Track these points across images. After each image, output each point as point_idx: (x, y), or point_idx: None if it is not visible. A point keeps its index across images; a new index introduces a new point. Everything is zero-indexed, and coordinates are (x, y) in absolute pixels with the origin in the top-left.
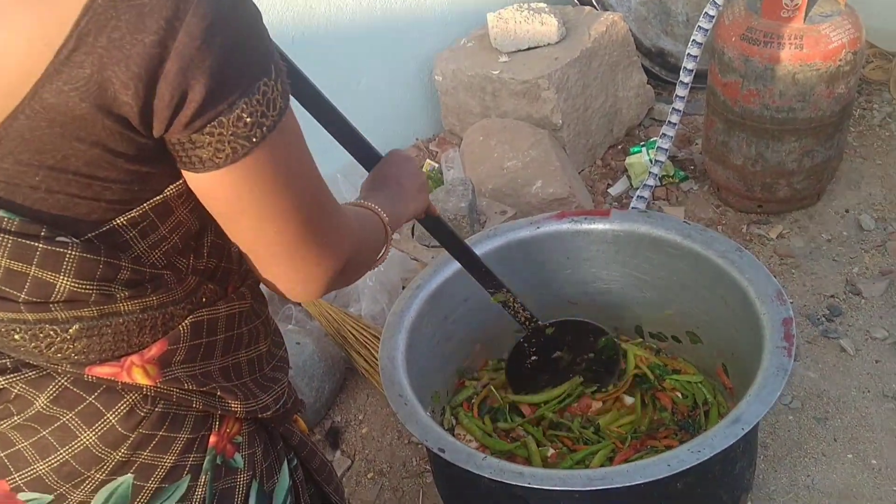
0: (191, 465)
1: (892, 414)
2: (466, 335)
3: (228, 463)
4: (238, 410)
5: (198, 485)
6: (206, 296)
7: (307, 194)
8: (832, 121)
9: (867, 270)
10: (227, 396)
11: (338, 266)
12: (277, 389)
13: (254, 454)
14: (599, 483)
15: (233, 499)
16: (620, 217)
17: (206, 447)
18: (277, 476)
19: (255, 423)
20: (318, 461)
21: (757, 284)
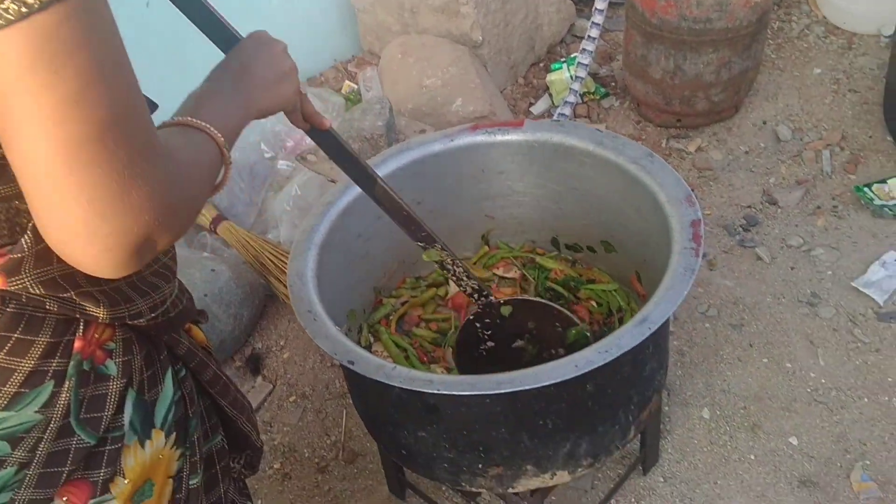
0: (54, 370)
1: (806, 319)
2: (382, 253)
3: (98, 369)
4: (101, 316)
5: (62, 390)
6: None
7: (88, 107)
8: (749, 31)
9: (783, 180)
10: (88, 302)
11: (139, 227)
12: (156, 297)
13: (130, 362)
14: (508, 386)
15: (103, 406)
16: (534, 127)
17: (70, 352)
18: (161, 385)
19: (133, 330)
20: (210, 373)
21: (667, 188)
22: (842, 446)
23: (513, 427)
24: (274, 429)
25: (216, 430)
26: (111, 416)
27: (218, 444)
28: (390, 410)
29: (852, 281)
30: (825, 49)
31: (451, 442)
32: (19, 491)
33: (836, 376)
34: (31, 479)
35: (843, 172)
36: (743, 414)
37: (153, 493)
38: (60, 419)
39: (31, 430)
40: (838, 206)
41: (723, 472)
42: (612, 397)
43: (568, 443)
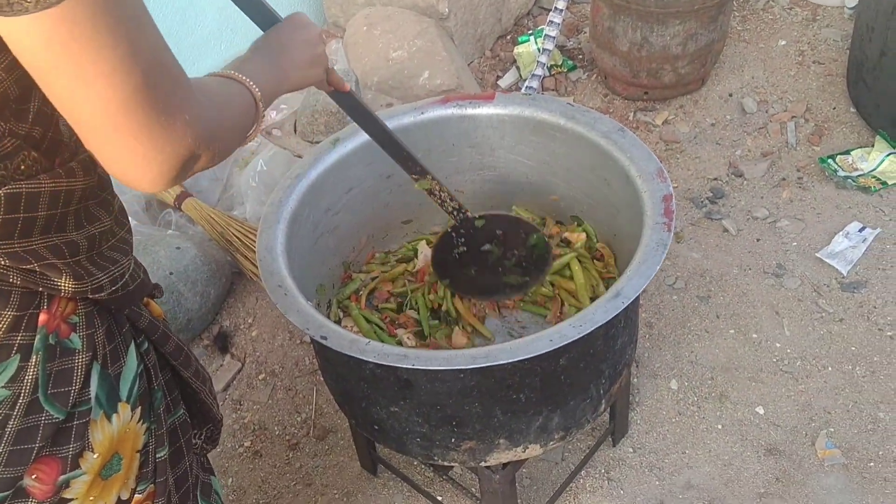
0: (20, 343)
1: (772, 290)
2: (351, 227)
3: (63, 343)
4: (65, 289)
5: (28, 365)
6: (27, 164)
7: (140, 58)
8: (715, 3)
9: (749, 153)
10: (52, 273)
11: (184, 149)
12: (115, 270)
13: (93, 335)
14: (483, 361)
15: (70, 380)
16: (505, 100)
17: (35, 325)
18: (124, 359)
19: (94, 304)
20: (172, 345)
21: (638, 163)
22: (807, 415)
23: (486, 401)
24: (244, 407)
25: (178, 404)
26: (78, 390)
27: (181, 418)
28: (363, 386)
29: (817, 252)
30: (790, 21)
31: (424, 416)
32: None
33: (801, 346)
34: (1, 458)
35: (808, 144)
36: (710, 385)
37: (121, 466)
38: (29, 395)
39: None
40: (803, 178)
41: (691, 441)
42: (585, 371)
43: (540, 416)
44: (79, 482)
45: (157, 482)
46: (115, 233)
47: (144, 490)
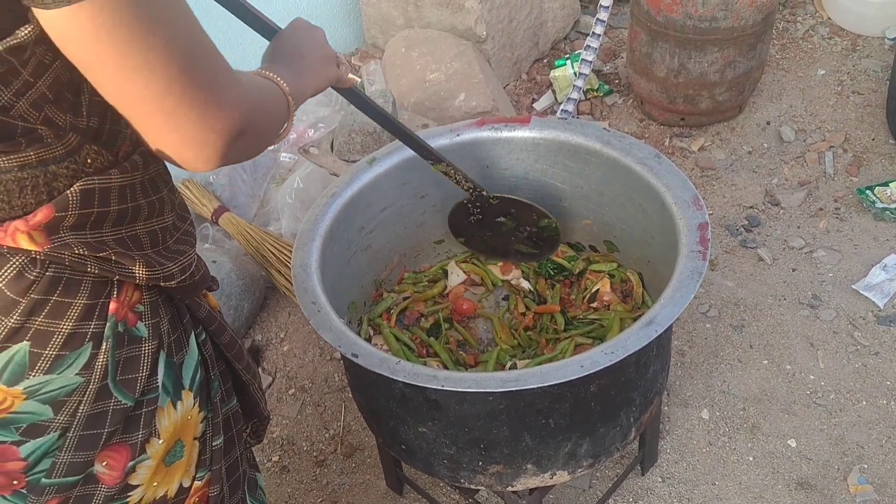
0: (92, 332)
1: (807, 321)
2: (384, 246)
3: (131, 331)
4: (139, 276)
5: (100, 352)
6: (92, 157)
7: (180, 42)
8: (754, 31)
9: (786, 181)
10: (126, 262)
11: (229, 128)
12: (184, 260)
13: (158, 324)
14: (513, 384)
15: (138, 368)
16: (540, 124)
17: (106, 314)
18: (186, 349)
19: (159, 294)
20: (227, 337)
21: (674, 190)
22: (840, 449)
23: (515, 425)
24: (273, 421)
25: (231, 394)
26: (146, 377)
27: (234, 408)
28: (391, 405)
29: (853, 284)
30: (829, 50)
31: (451, 438)
32: (59, 455)
33: (835, 379)
34: (72, 442)
35: (846, 174)
36: (742, 415)
37: (184, 453)
38: (99, 381)
39: (72, 394)
40: (840, 209)
41: (721, 473)
42: (616, 398)
43: (569, 443)
44: (144, 467)
45: (213, 469)
46: (178, 227)
47: (203, 477)
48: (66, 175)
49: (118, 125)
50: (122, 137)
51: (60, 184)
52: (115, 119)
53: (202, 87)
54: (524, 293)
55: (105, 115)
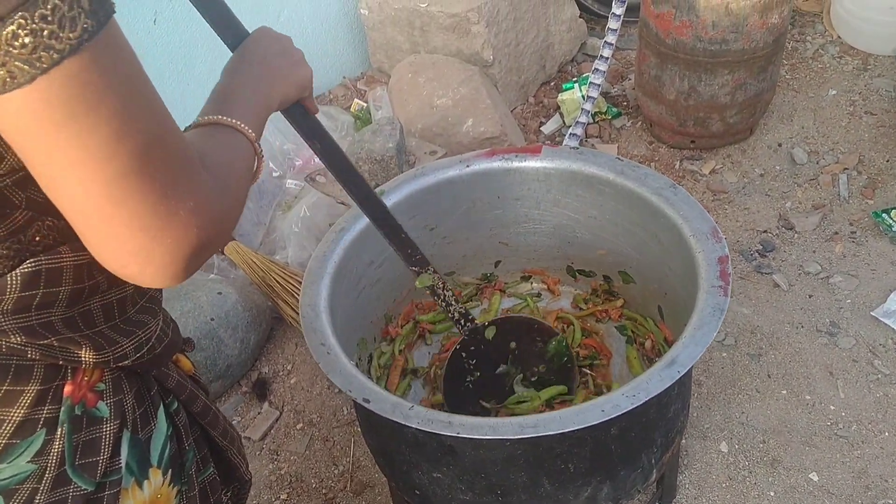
0: (45, 418)
1: (825, 349)
2: (393, 280)
3: (91, 412)
4: (86, 360)
5: (55, 438)
6: (43, 234)
7: (127, 140)
8: (765, 52)
9: (800, 205)
10: (71, 346)
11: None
12: (142, 335)
13: (121, 401)
14: (531, 431)
15: (99, 449)
16: (552, 154)
17: (60, 397)
18: (154, 422)
19: (122, 368)
20: (200, 404)
21: (691, 222)
22: (863, 483)
23: (533, 471)
24: (280, 457)
25: (207, 462)
26: (108, 459)
27: (210, 476)
28: (405, 449)
29: (872, 310)
30: (840, 70)
31: (467, 484)
32: None
33: (856, 409)
34: None
35: (861, 197)
36: (762, 448)
37: None
38: (55, 468)
39: (25, 481)
40: (856, 232)
41: None
42: (636, 440)
43: (589, 487)
44: None
45: None
46: (144, 292)
47: None
48: (6, 256)
49: None
50: None
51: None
52: None
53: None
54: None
55: None
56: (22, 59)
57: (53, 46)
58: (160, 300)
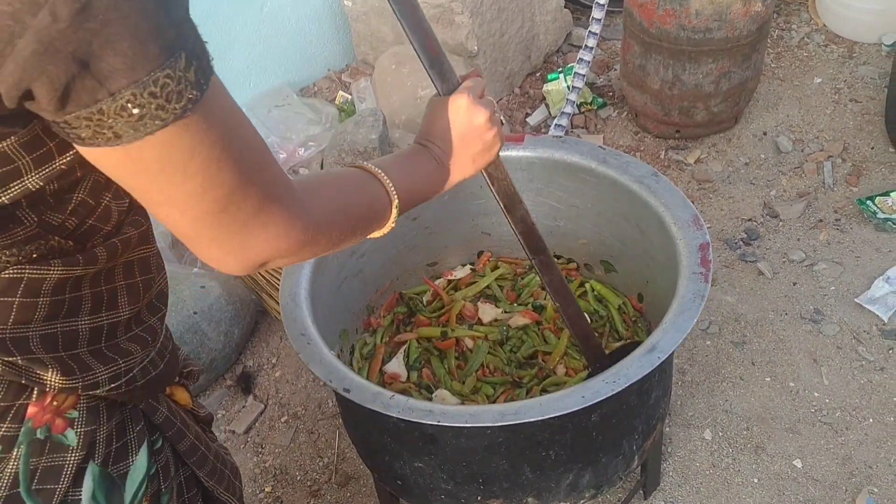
0: (2, 435)
1: (809, 336)
2: (376, 270)
3: (55, 439)
4: (51, 382)
5: (10, 457)
6: (40, 252)
7: (212, 191)
8: (749, 41)
9: (785, 193)
10: (36, 367)
11: (263, 257)
12: (122, 364)
13: (94, 433)
14: (512, 418)
15: (58, 478)
16: (534, 143)
17: (22, 417)
18: (134, 458)
19: (103, 399)
20: (187, 443)
21: (673, 210)
22: (847, 469)
23: (514, 458)
24: (265, 450)
25: (195, 502)
26: (66, 489)
27: None
28: (386, 439)
29: (856, 297)
30: (825, 58)
31: (449, 473)
32: None
33: (840, 396)
34: None
35: (845, 185)
36: (746, 435)
37: None
38: (7, 489)
39: None
40: (841, 220)
41: (725, 496)
42: (617, 427)
43: (571, 474)
44: None
45: None
46: (142, 321)
47: None
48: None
49: (102, 222)
50: (101, 232)
51: None
52: (101, 217)
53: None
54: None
55: (91, 214)
56: (129, 125)
57: (160, 116)
58: (159, 330)
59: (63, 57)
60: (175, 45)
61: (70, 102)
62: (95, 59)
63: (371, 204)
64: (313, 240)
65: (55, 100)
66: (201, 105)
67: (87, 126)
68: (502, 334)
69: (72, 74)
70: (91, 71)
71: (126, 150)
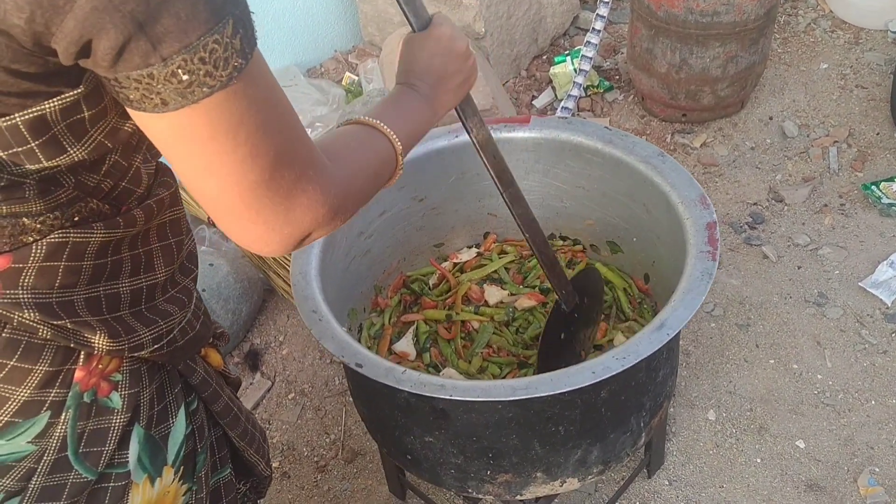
0: (51, 400)
1: (813, 319)
2: (383, 250)
3: (101, 402)
4: (98, 346)
5: (58, 422)
6: (83, 214)
7: (259, 159)
8: (757, 25)
9: (790, 177)
10: (85, 331)
11: (303, 229)
12: (163, 326)
13: (137, 395)
14: (523, 392)
15: (104, 441)
16: (540, 124)
17: (70, 382)
18: (173, 419)
19: (145, 361)
20: (221, 403)
21: (679, 189)
22: (849, 450)
23: (524, 433)
24: (273, 426)
25: (225, 462)
26: (112, 451)
27: (226, 478)
28: (396, 414)
29: (860, 281)
30: (832, 44)
31: (459, 448)
32: None
33: (843, 378)
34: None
35: (851, 170)
36: (749, 416)
37: None
38: (55, 452)
39: (22, 461)
40: (845, 205)
41: (729, 475)
42: (626, 403)
43: (579, 450)
44: None
45: None
46: (176, 282)
47: None
48: (38, 230)
49: (136, 184)
50: (134, 195)
51: (30, 237)
52: (133, 179)
53: (276, 197)
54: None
55: (123, 177)
56: (177, 92)
57: (207, 83)
58: (192, 291)
59: (121, 16)
60: (223, 11)
61: (121, 62)
62: (151, 20)
63: (381, 157)
64: (343, 205)
65: (110, 56)
66: (246, 73)
67: (136, 88)
68: (508, 315)
69: (128, 34)
70: (146, 32)
71: (174, 118)
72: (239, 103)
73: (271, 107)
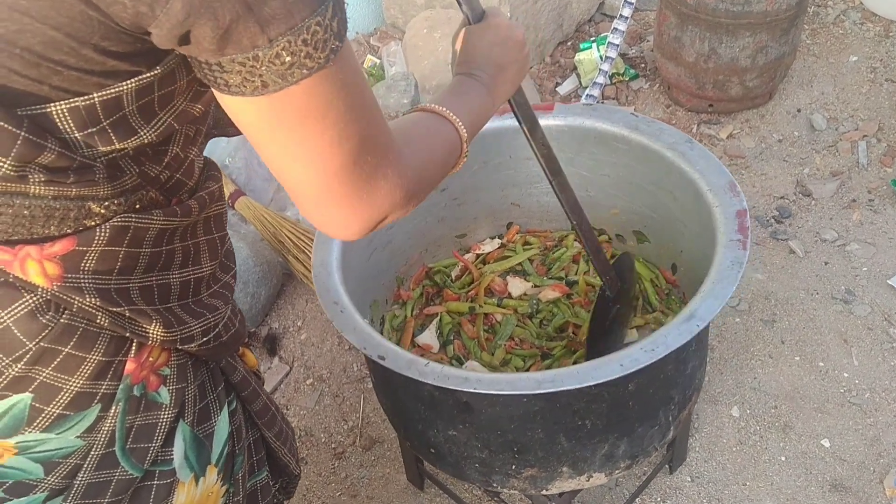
0: (102, 393)
1: (840, 316)
2: (405, 241)
3: (150, 396)
4: (154, 336)
5: (108, 416)
6: (144, 203)
7: (346, 142)
8: (788, 15)
9: (818, 171)
10: (142, 319)
11: (382, 213)
12: (210, 319)
13: (183, 390)
14: (549, 386)
15: (151, 437)
16: (565, 111)
17: (121, 374)
18: (216, 419)
19: (190, 356)
20: (260, 403)
21: (708, 176)
22: (875, 450)
23: (550, 427)
24: (290, 412)
25: (262, 465)
26: (159, 447)
27: (263, 480)
28: (420, 407)
29: (888, 278)
30: (861, 36)
31: (483, 441)
32: None
33: (870, 377)
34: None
35: (880, 165)
36: (774, 413)
37: None
38: (103, 447)
39: (69, 456)
40: (874, 200)
41: (752, 473)
42: (654, 397)
43: (606, 444)
44: None
45: None
46: (218, 278)
47: None
48: (102, 215)
49: (188, 177)
50: (185, 187)
51: (93, 221)
52: (187, 172)
53: (357, 184)
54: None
55: (180, 168)
56: (278, 74)
57: (306, 65)
58: (233, 287)
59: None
60: None
61: (230, 44)
62: (260, 1)
63: (449, 144)
64: (417, 189)
65: (216, 39)
66: (339, 56)
67: (239, 72)
68: (532, 307)
69: (236, 15)
70: (254, 14)
71: (270, 100)
72: (332, 85)
73: (358, 91)
